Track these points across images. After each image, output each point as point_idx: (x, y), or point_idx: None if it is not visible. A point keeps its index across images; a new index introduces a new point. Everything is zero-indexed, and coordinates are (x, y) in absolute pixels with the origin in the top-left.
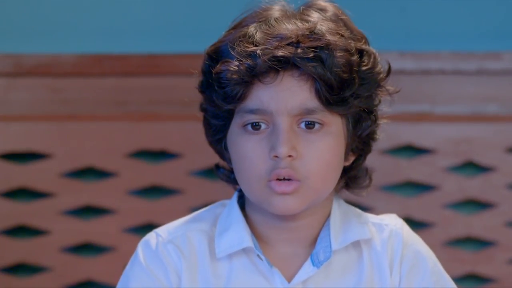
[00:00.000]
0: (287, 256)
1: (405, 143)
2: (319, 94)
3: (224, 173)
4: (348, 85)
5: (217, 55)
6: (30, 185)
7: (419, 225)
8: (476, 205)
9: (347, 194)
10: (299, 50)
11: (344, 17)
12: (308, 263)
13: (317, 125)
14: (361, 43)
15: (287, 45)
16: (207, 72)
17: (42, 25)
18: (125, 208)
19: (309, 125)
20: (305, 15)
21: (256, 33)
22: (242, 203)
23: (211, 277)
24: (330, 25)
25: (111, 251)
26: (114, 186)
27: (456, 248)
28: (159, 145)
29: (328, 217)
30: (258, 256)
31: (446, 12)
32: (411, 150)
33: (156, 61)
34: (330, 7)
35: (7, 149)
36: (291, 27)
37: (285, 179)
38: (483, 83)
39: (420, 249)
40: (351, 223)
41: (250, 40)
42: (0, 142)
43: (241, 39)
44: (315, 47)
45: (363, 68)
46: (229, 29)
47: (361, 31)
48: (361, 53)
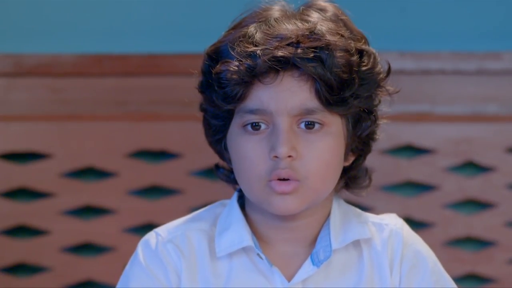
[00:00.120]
0: (287, 255)
1: (405, 143)
2: (319, 94)
3: (224, 173)
4: (348, 85)
5: (217, 55)
6: (30, 185)
7: (419, 225)
8: (476, 205)
9: (347, 194)
10: (299, 50)
11: (344, 17)
12: (308, 262)
13: (317, 125)
14: (361, 43)
15: (287, 45)
16: (207, 72)
17: (42, 25)
18: (125, 208)
19: (309, 125)
20: (305, 15)
21: (256, 33)
22: (242, 203)
23: (211, 276)
24: (330, 25)
25: (111, 251)
26: (114, 186)
27: (456, 248)
28: (159, 145)
29: (328, 217)
30: (258, 255)
31: (446, 12)
32: (411, 150)
33: (156, 61)
34: (330, 7)
35: (7, 149)
36: (291, 27)
37: (284, 179)
38: (483, 83)
39: (420, 249)
40: (351, 223)
41: (250, 40)
42: (0, 142)
43: (241, 39)
44: (315, 47)
45: (363, 68)
46: (229, 29)
47: (361, 31)
48: (361, 53)
